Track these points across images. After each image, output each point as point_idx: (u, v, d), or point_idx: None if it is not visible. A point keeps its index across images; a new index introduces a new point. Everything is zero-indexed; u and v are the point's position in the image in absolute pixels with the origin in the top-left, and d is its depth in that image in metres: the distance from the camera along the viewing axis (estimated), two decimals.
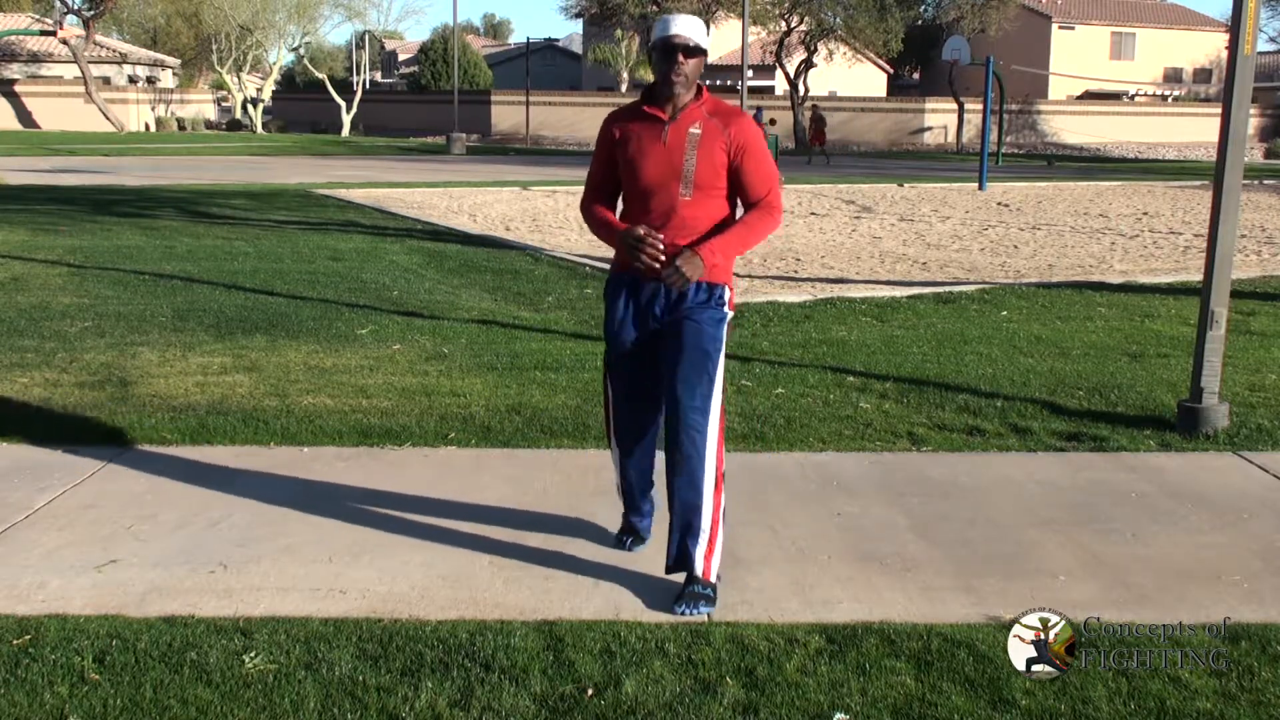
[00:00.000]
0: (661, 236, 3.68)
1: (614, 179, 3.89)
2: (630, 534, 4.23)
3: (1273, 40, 57.75)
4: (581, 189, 4.10)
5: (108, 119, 48.21)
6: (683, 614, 3.65)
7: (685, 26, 3.65)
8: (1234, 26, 5.60)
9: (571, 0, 53.25)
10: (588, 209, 3.96)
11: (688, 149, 3.69)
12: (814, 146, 37.06)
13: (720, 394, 3.76)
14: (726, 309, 3.83)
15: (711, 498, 3.76)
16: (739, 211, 3.88)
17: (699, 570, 3.74)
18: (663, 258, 3.66)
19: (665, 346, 3.79)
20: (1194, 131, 55.26)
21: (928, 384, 6.62)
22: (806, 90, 48.39)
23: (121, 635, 3.43)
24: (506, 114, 54.40)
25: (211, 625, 3.52)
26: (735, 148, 3.71)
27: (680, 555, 3.77)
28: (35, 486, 4.76)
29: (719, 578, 3.80)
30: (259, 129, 55.93)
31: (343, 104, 55.62)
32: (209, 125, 56.68)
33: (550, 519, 4.49)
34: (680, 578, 3.81)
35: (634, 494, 4.17)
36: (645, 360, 3.89)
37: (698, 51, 3.66)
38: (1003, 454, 5.46)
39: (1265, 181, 27.07)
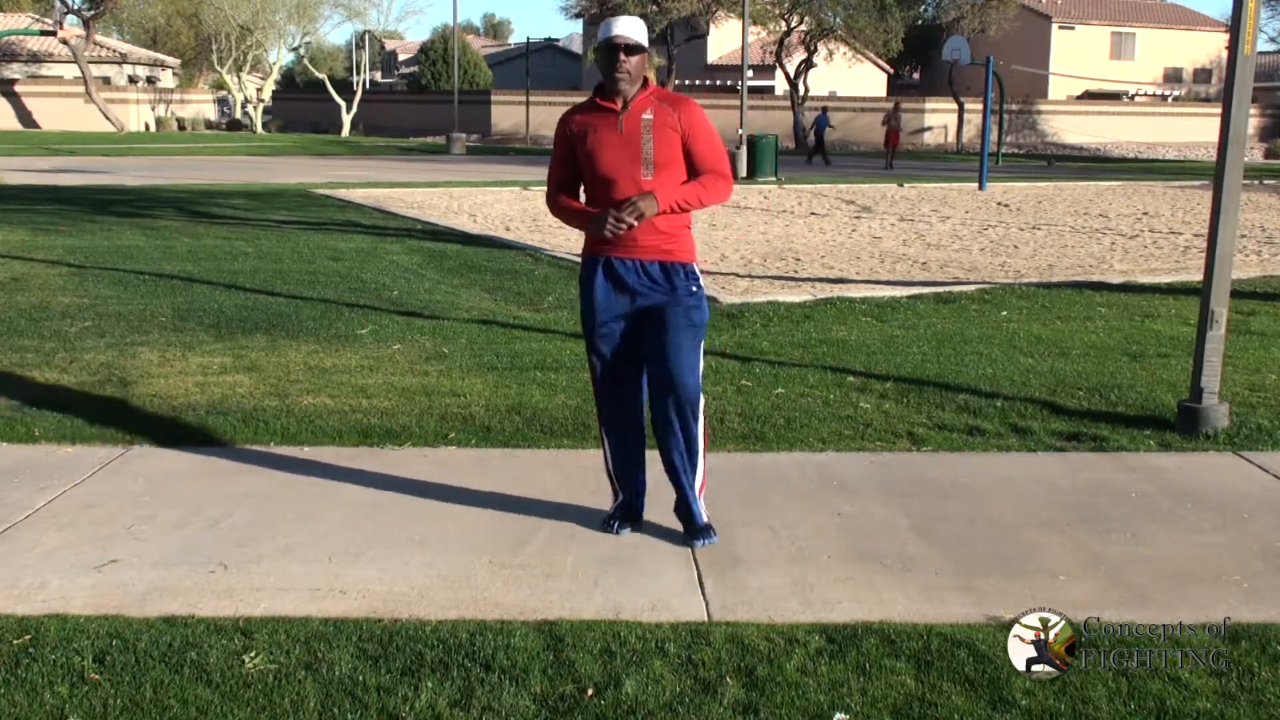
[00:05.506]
0: (625, 214, 3.91)
1: (574, 172, 4.14)
2: (616, 519, 4.38)
3: (1273, 40, 57.68)
4: None
5: (108, 119, 48.21)
6: (701, 545, 4.17)
7: (625, 27, 3.96)
8: (1234, 26, 5.60)
9: (571, 0, 53.26)
10: (554, 202, 4.21)
11: (643, 134, 3.97)
12: (889, 150, 34.71)
13: (701, 356, 4.16)
14: (700, 282, 4.17)
15: (701, 454, 4.19)
16: None
17: (701, 515, 4.24)
18: (629, 221, 3.89)
19: (652, 327, 4.06)
20: (1194, 131, 55.21)
21: (928, 384, 6.62)
22: (806, 90, 48.36)
23: (121, 635, 3.43)
24: (506, 114, 54.40)
25: (211, 625, 3.52)
26: (685, 130, 4.00)
27: (684, 507, 4.26)
28: (35, 486, 4.76)
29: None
30: (259, 129, 55.93)
31: (343, 104, 55.63)
32: (209, 125, 56.68)
33: (550, 519, 4.49)
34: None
35: (624, 474, 4.36)
36: (625, 340, 4.15)
37: (638, 49, 3.95)
38: (1003, 454, 5.46)
39: (1265, 181, 27.04)
